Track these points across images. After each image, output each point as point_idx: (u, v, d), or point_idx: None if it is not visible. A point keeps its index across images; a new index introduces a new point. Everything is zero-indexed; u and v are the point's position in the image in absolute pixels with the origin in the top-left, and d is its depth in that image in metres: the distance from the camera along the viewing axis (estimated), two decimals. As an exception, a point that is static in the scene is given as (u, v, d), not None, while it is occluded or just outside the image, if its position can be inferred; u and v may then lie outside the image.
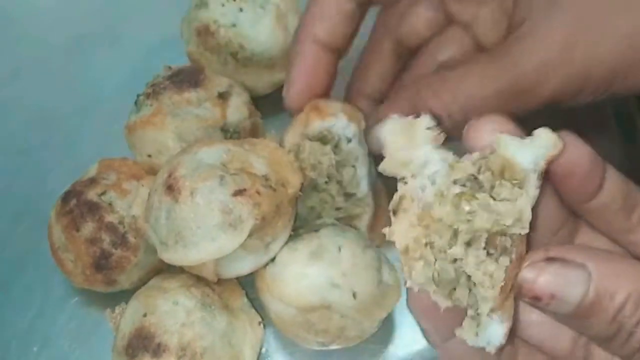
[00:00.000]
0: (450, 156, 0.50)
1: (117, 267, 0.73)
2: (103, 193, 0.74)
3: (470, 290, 0.49)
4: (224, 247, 0.62)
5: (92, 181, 0.75)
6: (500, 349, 0.49)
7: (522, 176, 0.46)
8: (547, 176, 0.47)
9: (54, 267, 0.76)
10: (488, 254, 0.48)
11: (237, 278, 0.73)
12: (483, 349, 0.49)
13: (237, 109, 0.80)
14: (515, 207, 0.46)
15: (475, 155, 0.48)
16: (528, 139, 0.47)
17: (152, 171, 0.78)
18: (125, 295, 0.75)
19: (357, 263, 0.68)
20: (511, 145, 0.47)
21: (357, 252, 0.68)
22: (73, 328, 0.79)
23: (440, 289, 0.50)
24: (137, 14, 1.03)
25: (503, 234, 0.47)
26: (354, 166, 0.72)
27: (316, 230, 0.70)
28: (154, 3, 1.03)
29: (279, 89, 0.86)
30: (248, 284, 0.75)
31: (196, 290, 0.70)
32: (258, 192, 0.63)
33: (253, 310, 0.75)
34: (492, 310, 0.48)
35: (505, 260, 0.47)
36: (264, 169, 0.67)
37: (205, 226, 0.62)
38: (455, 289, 0.50)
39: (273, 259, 0.68)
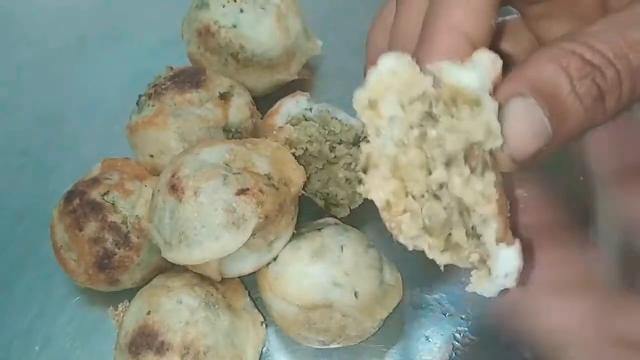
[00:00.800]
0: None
1: (120, 267, 0.73)
2: (106, 193, 0.74)
3: (467, 233, 0.47)
4: (228, 246, 0.63)
5: (95, 181, 0.75)
6: (519, 274, 0.47)
7: (474, 97, 0.46)
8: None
9: (56, 267, 0.76)
10: (472, 169, 0.46)
11: (240, 278, 0.74)
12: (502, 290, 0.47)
13: (239, 109, 0.80)
14: (480, 121, 0.45)
15: (423, 91, 0.47)
16: (469, 63, 0.46)
17: (155, 171, 0.78)
18: (127, 295, 0.76)
19: (359, 262, 0.68)
20: (454, 71, 0.46)
21: (359, 252, 0.69)
22: (74, 327, 0.79)
23: (435, 238, 0.48)
24: (138, 15, 1.03)
25: (480, 148, 0.46)
26: (333, 117, 0.76)
27: (319, 230, 0.70)
28: (155, 4, 1.03)
29: (279, 89, 0.87)
30: (251, 284, 0.75)
31: (200, 289, 0.70)
32: (261, 191, 0.64)
33: (256, 310, 0.75)
34: (498, 241, 0.46)
35: (490, 176, 0.46)
36: (267, 168, 0.67)
37: (209, 225, 0.63)
38: (451, 234, 0.48)
39: (275, 258, 0.69)
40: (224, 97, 0.80)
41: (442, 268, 0.49)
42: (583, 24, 0.48)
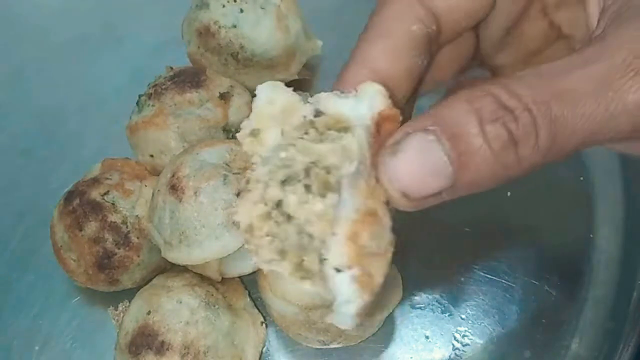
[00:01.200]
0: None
1: (120, 267, 0.73)
2: (106, 193, 0.74)
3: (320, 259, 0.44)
4: (228, 246, 0.63)
5: (95, 181, 0.75)
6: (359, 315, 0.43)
7: (346, 125, 0.44)
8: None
9: (56, 266, 0.76)
10: (306, 188, 0.44)
11: (240, 278, 0.74)
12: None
13: (239, 109, 0.80)
14: (337, 145, 0.44)
15: (303, 119, 0.46)
16: (350, 93, 0.45)
17: (155, 171, 0.78)
18: (127, 294, 0.76)
19: (359, 262, 0.68)
20: (330, 100, 0.46)
21: (359, 252, 0.69)
22: (74, 327, 0.79)
23: (288, 262, 0.45)
24: (138, 15, 1.03)
25: (327, 172, 0.44)
26: None
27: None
28: (155, 4, 1.03)
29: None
30: (251, 284, 0.75)
31: (200, 289, 0.70)
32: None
33: (256, 310, 0.75)
34: (343, 267, 0.42)
35: (333, 198, 0.43)
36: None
37: (209, 225, 0.63)
38: (303, 260, 0.45)
39: (275, 258, 0.69)
40: (224, 97, 0.80)
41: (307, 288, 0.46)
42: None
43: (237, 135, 0.47)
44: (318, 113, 0.46)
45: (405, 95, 0.51)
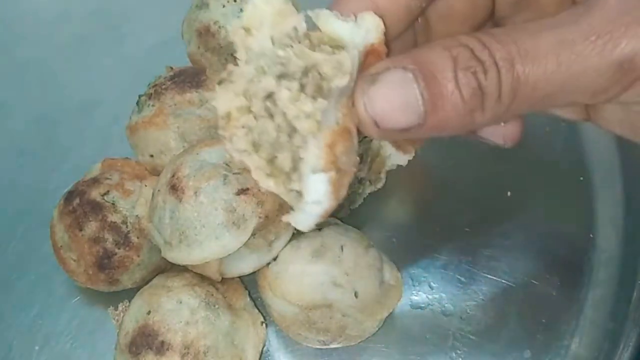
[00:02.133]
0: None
1: (120, 267, 0.73)
2: (106, 193, 0.74)
3: (293, 160, 0.47)
4: (228, 246, 0.63)
5: (95, 181, 0.75)
6: (326, 213, 0.47)
7: (340, 44, 0.47)
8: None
9: (56, 266, 0.76)
10: (302, 86, 0.46)
11: (240, 278, 0.74)
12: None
13: (239, 109, 0.80)
14: (333, 58, 0.46)
15: (295, 29, 0.47)
16: (350, 18, 0.47)
17: (155, 171, 0.78)
18: (127, 294, 0.76)
19: (359, 262, 0.68)
20: (330, 20, 0.47)
21: (360, 252, 0.69)
22: (75, 327, 0.79)
23: (260, 155, 0.48)
24: (138, 15, 1.03)
25: (319, 76, 0.46)
26: None
27: (319, 229, 0.70)
28: (155, 4, 1.03)
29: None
30: (251, 284, 0.75)
31: (200, 289, 0.70)
32: (261, 191, 0.64)
33: (256, 310, 0.75)
34: (319, 169, 0.45)
35: (322, 103, 0.45)
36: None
37: (209, 225, 0.63)
38: (277, 157, 0.48)
39: (275, 258, 0.69)
40: (224, 97, 0.79)
41: (263, 189, 0.48)
42: None
43: (230, 29, 0.47)
44: (313, 27, 0.47)
45: (398, 32, 0.53)
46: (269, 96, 0.47)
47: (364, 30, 0.47)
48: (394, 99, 0.45)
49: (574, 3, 0.56)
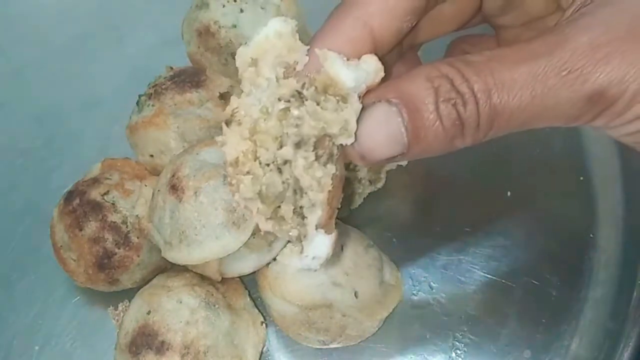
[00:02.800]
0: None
1: (120, 267, 0.73)
2: (106, 193, 0.74)
3: (294, 210, 0.51)
4: (228, 246, 0.63)
5: (95, 181, 0.75)
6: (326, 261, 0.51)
7: (345, 93, 0.48)
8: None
9: (56, 266, 0.76)
10: (317, 157, 0.49)
11: (240, 278, 0.74)
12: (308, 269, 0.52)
13: (239, 109, 0.80)
14: (340, 117, 0.48)
15: (301, 73, 0.50)
16: (354, 62, 0.49)
17: (155, 171, 0.78)
18: (127, 294, 0.76)
19: (359, 262, 0.68)
20: (337, 64, 0.48)
21: (360, 252, 0.69)
22: (75, 327, 0.79)
23: (265, 205, 0.51)
24: (138, 15, 1.03)
25: (331, 141, 0.49)
26: None
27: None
28: (155, 4, 1.03)
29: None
30: (251, 284, 0.75)
31: (200, 289, 0.70)
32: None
33: (256, 310, 0.75)
34: (318, 226, 0.50)
35: (331, 168, 0.49)
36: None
37: (210, 225, 0.63)
38: (280, 207, 0.51)
39: (275, 258, 0.69)
40: (224, 97, 0.80)
41: (262, 232, 0.53)
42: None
43: (238, 60, 0.50)
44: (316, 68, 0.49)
45: (387, 51, 0.55)
46: (285, 163, 0.50)
47: (366, 75, 0.49)
48: (380, 134, 0.48)
49: (559, 7, 0.59)
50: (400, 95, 0.47)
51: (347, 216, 0.78)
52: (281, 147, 0.50)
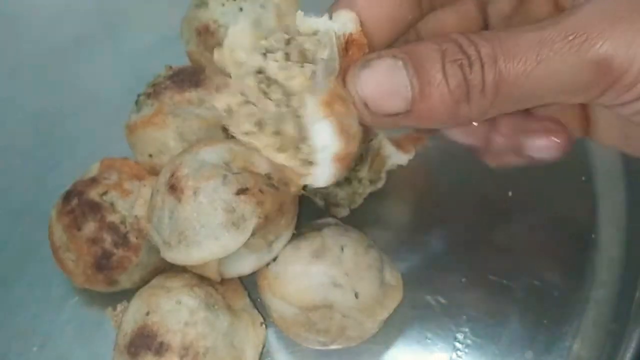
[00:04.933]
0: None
1: (119, 267, 0.73)
2: (105, 193, 0.74)
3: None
4: (228, 246, 0.63)
5: (94, 181, 0.75)
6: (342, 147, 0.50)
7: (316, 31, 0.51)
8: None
9: (54, 267, 0.76)
10: (287, 56, 0.50)
11: (240, 278, 0.74)
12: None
13: (239, 109, 0.80)
14: (313, 38, 0.51)
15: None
16: (325, 16, 0.52)
17: (154, 171, 0.78)
18: (126, 295, 0.75)
19: (359, 263, 0.68)
20: (306, 19, 0.52)
21: (360, 252, 0.69)
22: (73, 328, 0.79)
23: (266, 132, 0.51)
24: (137, 14, 1.03)
25: (300, 44, 0.51)
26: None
27: (319, 230, 0.70)
28: (154, 3, 1.03)
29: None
30: (250, 284, 0.75)
31: (199, 289, 0.70)
32: (261, 191, 0.64)
33: (255, 311, 0.75)
34: (318, 119, 0.49)
35: (310, 67, 0.50)
36: (267, 167, 0.67)
37: (209, 225, 0.62)
38: (282, 129, 0.51)
39: (275, 258, 0.69)
40: (224, 96, 0.79)
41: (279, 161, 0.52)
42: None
43: (215, 52, 0.53)
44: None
45: (383, 42, 0.55)
46: (260, 72, 0.51)
47: (339, 23, 0.51)
48: (384, 83, 0.48)
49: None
50: (408, 52, 0.48)
51: (347, 216, 0.78)
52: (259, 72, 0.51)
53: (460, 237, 0.81)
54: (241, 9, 0.83)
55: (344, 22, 0.51)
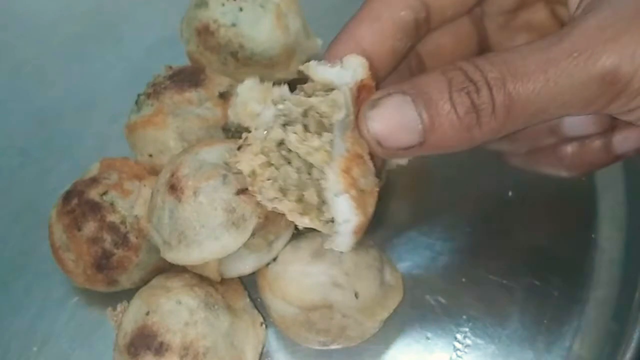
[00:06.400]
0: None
1: (119, 267, 0.73)
2: (105, 193, 0.74)
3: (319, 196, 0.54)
4: (228, 246, 0.63)
5: (94, 181, 0.75)
6: (356, 231, 0.54)
7: (331, 86, 0.54)
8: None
9: (54, 267, 0.76)
10: (305, 128, 0.54)
11: (240, 278, 0.73)
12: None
13: (239, 109, 0.80)
14: (327, 99, 0.53)
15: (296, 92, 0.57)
16: (336, 64, 0.54)
17: (154, 171, 0.78)
18: (126, 295, 0.75)
19: (359, 263, 0.68)
20: (318, 68, 0.54)
21: (360, 252, 0.69)
22: (73, 328, 0.79)
23: (289, 198, 0.55)
24: (137, 14, 1.03)
25: (319, 115, 0.54)
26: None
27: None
28: (154, 3, 1.03)
29: (279, 89, 0.86)
30: (250, 284, 0.75)
31: (199, 289, 0.70)
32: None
33: (255, 311, 0.75)
34: (340, 192, 0.52)
35: (328, 136, 0.53)
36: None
37: (209, 225, 0.62)
38: (304, 195, 0.55)
39: (275, 258, 0.68)
40: (224, 96, 0.79)
41: (301, 228, 0.58)
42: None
43: (229, 112, 0.60)
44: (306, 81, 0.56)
45: (387, 71, 0.58)
46: (281, 144, 0.55)
47: (351, 70, 0.53)
48: (394, 119, 0.50)
49: (562, 25, 0.59)
50: (414, 86, 0.50)
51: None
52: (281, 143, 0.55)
53: (461, 237, 0.81)
54: (241, 9, 0.83)
55: (355, 69, 0.53)
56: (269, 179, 0.56)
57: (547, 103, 0.49)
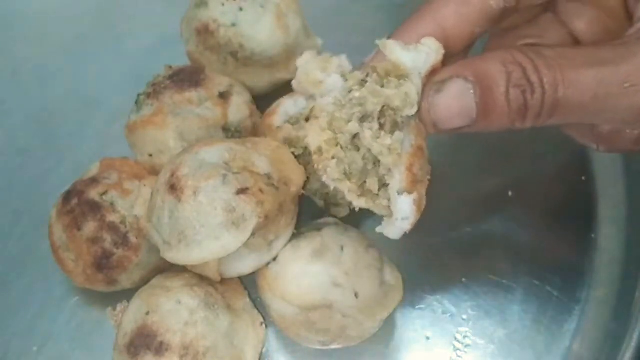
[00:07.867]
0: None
1: (119, 267, 0.73)
2: (105, 193, 0.74)
3: (380, 183, 0.58)
4: (228, 246, 0.62)
5: (94, 181, 0.75)
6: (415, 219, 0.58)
7: (404, 73, 0.56)
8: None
9: (54, 267, 0.76)
10: (381, 126, 0.56)
11: (240, 278, 0.73)
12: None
13: (238, 109, 0.80)
14: (401, 92, 0.55)
15: (367, 65, 0.59)
16: (413, 46, 0.56)
17: (154, 171, 0.78)
18: (125, 295, 0.75)
19: (359, 263, 0.68)
20: (395, 49, 0.56)
21: (360, 252, 0.69)
22: (73, 327, 0.79)
23: (352, 182, 0.58)
24: (137, 14, 1.02)
25: (394, 112, 0.56)
26: None
27: (319, 229, 0.70)
28: (154, 3, 1.03)
29: (279, 89, 0.86)
30: (250, 284, 0.75)
31: (199, 289, 0.70)
32: (261, 191, 0.63)
33: (255, 311, 0.75)
34: (404, 191, 0.57)
35: (399, 135, 0.56)
36: (267, 167, 0.67)
37: (209, 225, 0.62)
38: (366, 182, 0.59)
39: (275, 258, 0.68)
40: (224, 96, 0.79)
41: (357, 209, 0.61)
42: (610, 21, 0.59)
43: (294, 83, 0.62)
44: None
45: (459, 52, 0.61)
46: (355, 137, 0.57)
47: (425, 55, 0.56)
48: (454, 107, 0.54)
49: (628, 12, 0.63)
50: (476, 74, 0.53)
51: (347, 216, 0.78)
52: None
53: (461, 237, 0.81)
54: (241, 9, 0.83)
55: (429, 53, 0.56)
56: (333, 157, 0.58)
57: (588, 114, 0.54)
